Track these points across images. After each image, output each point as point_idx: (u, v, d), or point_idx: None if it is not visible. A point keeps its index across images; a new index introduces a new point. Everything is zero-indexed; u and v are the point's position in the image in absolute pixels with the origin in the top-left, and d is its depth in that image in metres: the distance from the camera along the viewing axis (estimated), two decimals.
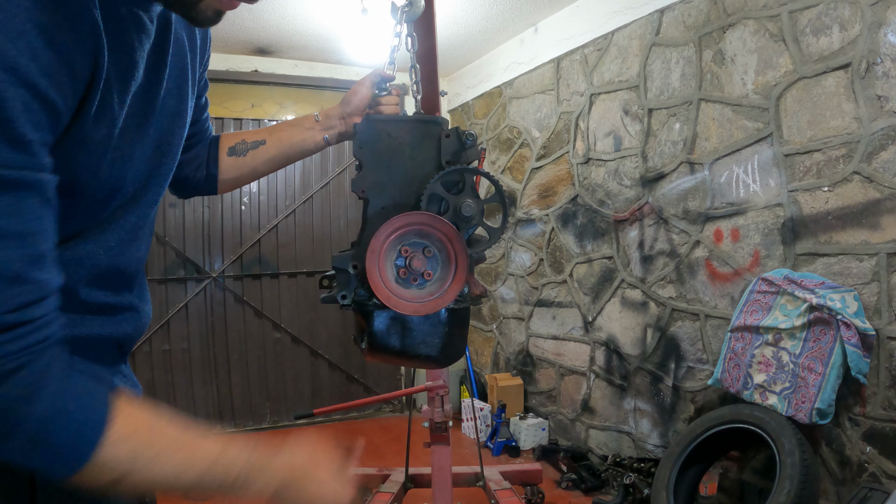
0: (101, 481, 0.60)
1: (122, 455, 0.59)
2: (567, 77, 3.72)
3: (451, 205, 0.98)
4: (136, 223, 0.80)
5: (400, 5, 1.14)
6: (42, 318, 0.56)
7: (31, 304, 0.55)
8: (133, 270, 0.82)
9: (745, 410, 2.33)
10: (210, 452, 0.66)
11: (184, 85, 0.83)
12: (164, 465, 0.62)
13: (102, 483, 0.60)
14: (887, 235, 2.10)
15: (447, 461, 2.51)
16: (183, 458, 0.64)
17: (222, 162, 1.16)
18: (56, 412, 0.55)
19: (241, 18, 3.73)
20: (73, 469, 0.57)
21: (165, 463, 0.62)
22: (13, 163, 0.52)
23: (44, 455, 0.56)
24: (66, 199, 0.63)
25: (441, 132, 1.01)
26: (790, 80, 2.40)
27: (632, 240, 3.24)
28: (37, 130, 0.54)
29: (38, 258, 0.56)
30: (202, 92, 1.04)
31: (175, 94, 0.81)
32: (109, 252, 0.75)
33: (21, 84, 0.52)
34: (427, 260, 0.96)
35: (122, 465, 0.59)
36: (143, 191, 0.79)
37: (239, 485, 0.68)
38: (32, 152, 0.54)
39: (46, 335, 0.56)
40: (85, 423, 0.57)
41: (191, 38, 0.84)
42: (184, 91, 0.83)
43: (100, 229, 0.74)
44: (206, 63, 0.97)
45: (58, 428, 0.56)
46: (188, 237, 4.39)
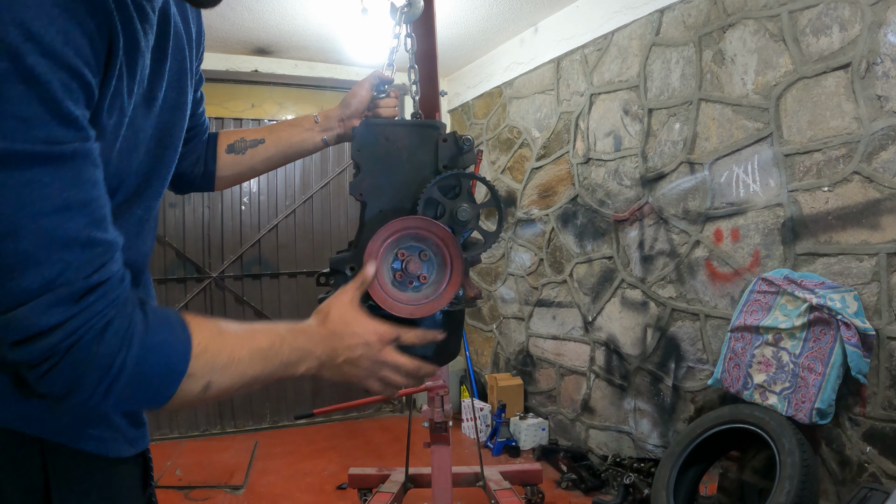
0: (191, 396, 0.67)
1: (204, 366, 0.67)
2: (567, 77, 3.72)
3: (447, 209, 0.99)
4: (142, 216, 0.81)
5: (399, 6, 1.14)
6: (117, 274, 0.62)
7: (105, 263, 0.60)
8: (140, 265, 0.83)
9: (745, 410, 2.33)
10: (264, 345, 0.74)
11: (183, 77, 0.84)
12: (237, 367, 0.70)
13: (193, 398, 0.67)
14: (887, 235, 2.10)
15: (447, 461, 2.51)
16: (247, 356, 0.72)
17: (220, 159, 1.17)
18: (147, 351, 0.62)
19: (241, 18, 3.73)
20: (170, 392, 0.65)
21: (237, 364, 0.70)
22: (67, 138, 0.57)
23: (144, 390, 0.63)
24: None
25: (438, 136, 1.01)
26: (790, 80, 2.40)
27: (632, 240, 3.24)
28: (78, 107, 0.58)
29: (102, 220, 0.61)
30: (197, 86, 1.05)
31: (175, 86, 0.82)
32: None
33: (60, 67, 0.55)
34: (423, 263, 0.97)
35: (206, 375, 0.67)
36: (147, 184, 0.80)
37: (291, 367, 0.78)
38: (80, 126, 0.58)
39: (125, 287, 0.62)
40: (174, 350, 0.64)
41: (187, 31, 0.85)
42: (183, 83, 0.84)
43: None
44: (200, 57, 0.99)
45: (152, 363, 0.62)
46: (188, 237, 4.39)
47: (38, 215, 0.55)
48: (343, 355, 0.84)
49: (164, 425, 4.26)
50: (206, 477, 3.49)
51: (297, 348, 0.79)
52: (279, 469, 3.66)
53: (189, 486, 3.35)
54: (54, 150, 0.56)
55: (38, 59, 0.54)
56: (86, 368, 0.58)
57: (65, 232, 0.57)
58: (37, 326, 0.56)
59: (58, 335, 0.56)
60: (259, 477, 3.52)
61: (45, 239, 0.56)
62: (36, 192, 0.55)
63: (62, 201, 0.56)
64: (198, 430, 4.37)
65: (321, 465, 3.72)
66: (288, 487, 3.36)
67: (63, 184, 0.57)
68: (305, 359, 0.80)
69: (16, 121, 0.54)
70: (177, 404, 0.66)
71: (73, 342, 0.57)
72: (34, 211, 0.55)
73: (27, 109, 0.54)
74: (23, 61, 0.53)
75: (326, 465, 3.71)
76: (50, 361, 0.57)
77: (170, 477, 3.49)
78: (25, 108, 0.54)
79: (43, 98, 0.54)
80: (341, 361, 0.84)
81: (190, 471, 3.59)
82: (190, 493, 3.27)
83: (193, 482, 3.40)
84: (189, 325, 0.67)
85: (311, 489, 3.33)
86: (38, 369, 0.57)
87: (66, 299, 0.57)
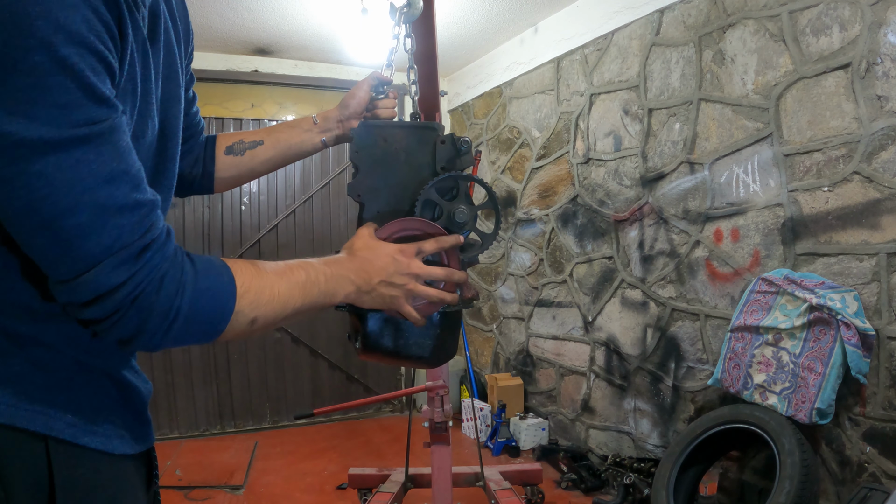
0: (240, 329, 0.74)
1: (250, 302, 0.74)
2: (567, 77, 3.72)
3: (445, 210, 0.99)
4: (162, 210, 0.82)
5: (399, 6, 1.14)
6: (164, 230, 0.68)
7: (152, 222, 0.66)
8: None
9: (745, 410, 2.33)
10: (300, 277, 0.81)
11: (176, 71, 0.86)
12: (279, 300, 0.77)
13: (241, 332, 0.75)
14: (887, 235, 2.10)
15: (447, 461, 2.51)
16: (286, 289, 0.78)
17: (219, 160, 1.17)
18: (199, 293, 0.69)
19: (241, 18, 3.73)
20: (221, 328, 0.72)
21: (279, 297, 0.77)
22: (103, 116, 0.62)
23: (199, 326, 0.71)
24: None
25: (436, 138, 1.01)
26: (790, 80, 2.40)
27: (632, 240, 3.24)
28: (106, 87, 0.63)
29: (141, 182, 0.66)
30: (189, 85, 1.06)
31: (171, 79, 0.84)
32: None
33: (88, 53, 0.60)
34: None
35: (252, 310, 0.74)
36: (155, 181, 0.82)
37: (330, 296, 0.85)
38: (111, 103, 0.63)
39: (171, 240, 0.69)
40: (222, 291, 0.71)
41: (175, 27, 0.87)
42: (176, 77, 0.87)
43: None
44: (190, 56, 1.00)
45: (204, 304, 0.70)
46: (188, 237, 4.39)
47: (89, 190, 0.61)
48: (377, 276, 0.89)
49: (164, 425, 4.26)
50: (206, 477, 3.49)
51: (332, 275, 0.85)
52: (279, 469, 3.66)
53: (189, 486, 3.35)
54: (94, 130, 0.61)
55: (69, 49, 0.58)
56: (149, 315, 0.66)
57: (114, 200, 0.63)
58: (106, 286, 0.63)
59: (124, 291, 0.64)
60: (259, 477, 3.52)
61: (100, 210, 0.62)
62: (84, 169, 0.61)
63: (108, 174, 0.62)
64: (198, 430, 4.37)
65: (321, 465, 3.72)
66: (288, 487, 3.36)
67: (106, 157, 0.62)
68: (343, 284, 0.86)
69: (58, 109, 0.58)
70: (229, 337, 0.74)
71: (136, 295, 0.64)
72: (85, 186, 0.61)
73: (66, 97, 0.59)
74: (56, 52, 0.57)
75: (326, 465, 3.71)
76: (118, 314, 0.65)
77: (170, 477, 3.49)
78: (64, 95, 0.58)
79: (78, 84, 0.59)
80: (377, 283, 0.89)
81: (190, 471, 3.59)
82: (190, 493, 3.27)
83: (193, 482, 3.40)
84: (232, 268, 0.74)
85: (311, 489, 3.33)
86: (109, 321, 0.65)
87: (127, 259, 0.64)
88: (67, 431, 0.72)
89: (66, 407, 0.73)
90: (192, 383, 4.36)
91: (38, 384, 0.71)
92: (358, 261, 0.90)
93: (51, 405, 0.72)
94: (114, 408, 0.79)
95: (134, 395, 0.82)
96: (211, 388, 4.42)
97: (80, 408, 0.74)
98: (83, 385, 0.75)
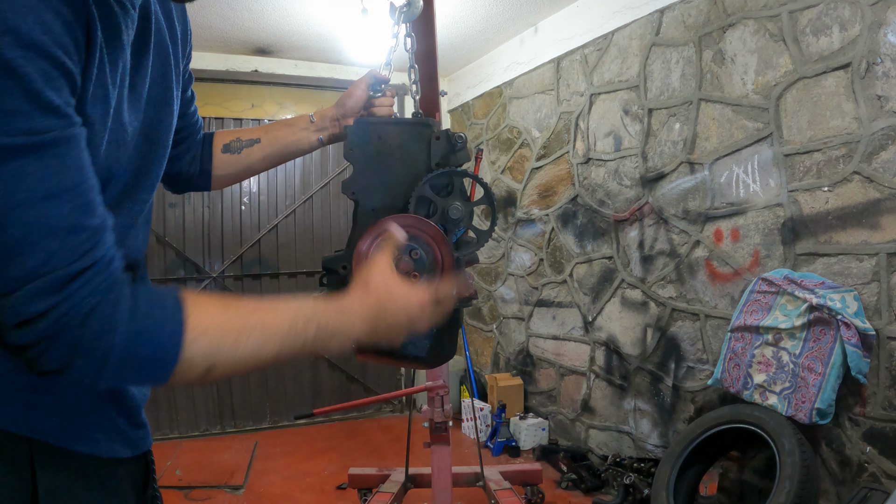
0: (192, 378, 0.66)
1: (203, 349, 0.65)
2: (567, 77, 3.72)
3: (439, 207, 0.98)
4: (135, 212, 0.81)
5: (398, 6, 1.14)
6: (103, 258, 0.61)
7: (90, 249, 0.60)
8: (133, 258, 0.83)
9: (745, 410, 2.33)
10: (282, 325, 0.71)
11: (168, 74, 0.84)
12: (244, 349, 0.68)
13: (197, 379, 0.66)
14: (887, 235, 2.10)
15: (447, 461, 2.51)
16: (259, 337, 0.69)
17: (216, 158, 1.17)
18: (135, 333, 0.61)
19: (241, 18, 3.73)
20: (165, 375, 0.64)
21: (245, 346, 0.68)
22: (49, 127, 0.57)
23: (136, 371, 0.64)
24: None
25: (431, 134, 1.01)
26: (790, 80, 2.40)
27: (632, 240, 3.24)
28: (60, 95, 0.59)
29: (87, 205, 0.61)
30: (187, 85, 1.05)
31: (160, 83, 0.82)
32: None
33: (39, 56, 0.56)
34: (414, 262, 0.96)
35: (207, 357, 0.65)
36: (136, 181, 0.80)
37: (319, 346, 0.75)
38: (62, 114, 0.59)
39: (111, 271, 0.62)
40: (163, 334, 0.63)
41: (171, 29, 0.85)
42: (168, 80, 0.84)
43: None
44: (188, 56, 0.99)
45: (141, 346, 0.62)
46: (188, 237, 4.39)
47: (22, 205, 0.56)
48: (383, 330, 0.80)
49: (164, 425, 4.26)
50: (206, 477, 3.49)
51: (328, 328, 0.74)
52: (279, 469, 3.66)
53: (189, 486, 3.35)
54: (35, 140, 0.56)
55: (15, 52, 0.54)
56: (73, 353, 0.59)
57: (48, 220, 0.58)
58: (25, 314, 0.57)
59: (44, 323, 0.58)
60: (259, 477, 3.52)
61: (30, 228, 0.57)
62: (20, 182, 0.56)
63: (45, 190, 0.57)
64: (198, 430, 4.37)
65: (321, 465, 3.72)
66: (288, 487, 3.36)
67: (46, 172, 0.57)
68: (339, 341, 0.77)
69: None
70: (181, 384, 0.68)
71: (58, 329, 0.58)
72: (18, 201, 0.56)
73: (7, 102, 0.55)
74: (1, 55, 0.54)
75: (326, 465, 3.71)
76: (41, 346, 0.59)
77: (170, 477, 3.49)
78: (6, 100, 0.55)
79: (23, 90, 0.55)
80: (382, 334, 0.81)
81: (190, 471, 3.59)
82: (190, 493, 3.27)
83: (193, 482, 3.40)
84: (187, 308, 0.65)
85: (311, 489, 3.33)
86: (34, 350, 0.59)
87: (50, 288, 0.58)
88: (51, 434, 0.71)
89: (50, 409, 0.72)
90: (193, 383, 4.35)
91: (21, 385, 0.70)
92: (370, 309, 0.79)
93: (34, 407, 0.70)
94: (104, 411, 0.77)
95: (126, 399, 0.81)
96: (211, 388, 4.41)
97: (65, 410, 0.73)
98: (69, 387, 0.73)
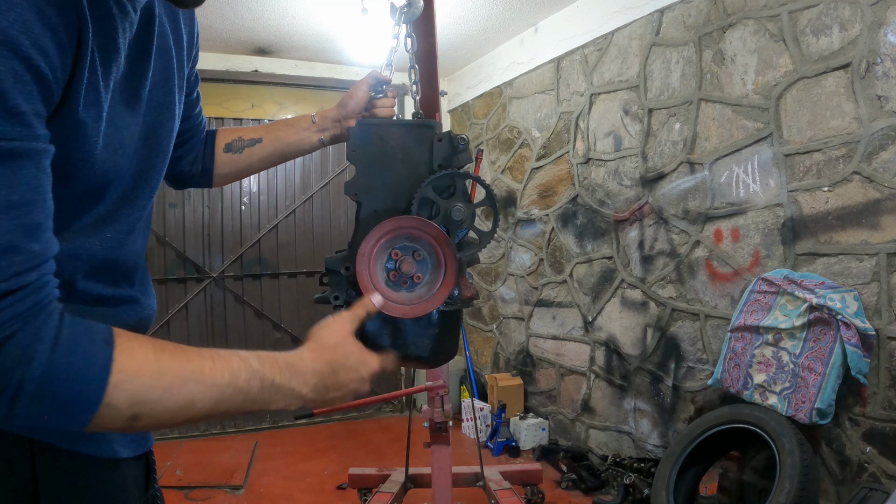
0: (115, 425, 0.60)
1: (129, 395, 0.59)
2: (567, 77, 3.72)
3: (442, 208, 0.99)
4: (135, 217, 0.80)
5: (399, 6, 1.14)
6: (34, 283, 0.56)
7: (21, 272, 0.55)
8: (132, 263, 0.82)
9: (745, 410, 2.33)
10: (222, 378, 0.65)
11: (170, 77, 0.83)
12: (176, 399, 0.62)
13: (118, 427, 0.60)
14: (887, 235, 2.10)
15: (447, 461, 2.51)
16: (194, 387, 0.63)
17: (218, 157, 1.17)
18: (55, 369, 0.55)
19: (241, 18, 3.73)
20: (85, 419, 0.58)
21: (177, 396, 0.62)
22: (8, 134, 0.53)
23: (52, 411, 0.56)
24: (60, 186, 0.62)
25: (433, 136, 1.01)
26: (790, 80, 2.40)
27: (632, 240, 3.24)
28: (29, 102, 0.54)
29: (33, 228, 0.56)
30: (193, 87, 1.04)
31: (162, 86, 0.81)
32: (106, 244, 0.75)
33: (13, 56, 0.52)
34: (417, 263, 0.97)
35: (132, 405, 0.59)
36: (136, 186, 0.79)
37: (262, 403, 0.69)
38: (26, 123, 0.54)
39: (38, 299, 0.56)
40: (86, 373, 0.57)
41: (176, 32, 0.85)
42: (170, 83, 0.83)
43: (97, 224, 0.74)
44: (194, 58, 0.98)
45: (60, 383, 0.55)
46: (188, 237, 4.39)
47: None
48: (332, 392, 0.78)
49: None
50: (206, 477, 3.49)
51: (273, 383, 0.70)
52: (279, 469, 3.66)
53: (189, 486, 3.35)
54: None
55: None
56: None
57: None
58: None
59: None
60: (259, 477, 3.52)
61: None
62: None
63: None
64: (198, 430, 4.37)
65: (321, 465, 3.72)
66: (288, 487, 3.36)
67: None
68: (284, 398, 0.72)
69: None
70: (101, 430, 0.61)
71: None
72: None
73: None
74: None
75: (326, 465, 3.71)
76: None
77: (170, 477, 3.49)
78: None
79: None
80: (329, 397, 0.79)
81: (190, 471, 3.59)
82: (190, 493, 3.27)
83: (193, 482, 3.40)
84: (117, 348, 0.59)
85: (311, 489, 3.33)
86: None
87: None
88: (53, 435, 0.71)
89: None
90: None
91: None
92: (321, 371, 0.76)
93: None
94: None
95: None
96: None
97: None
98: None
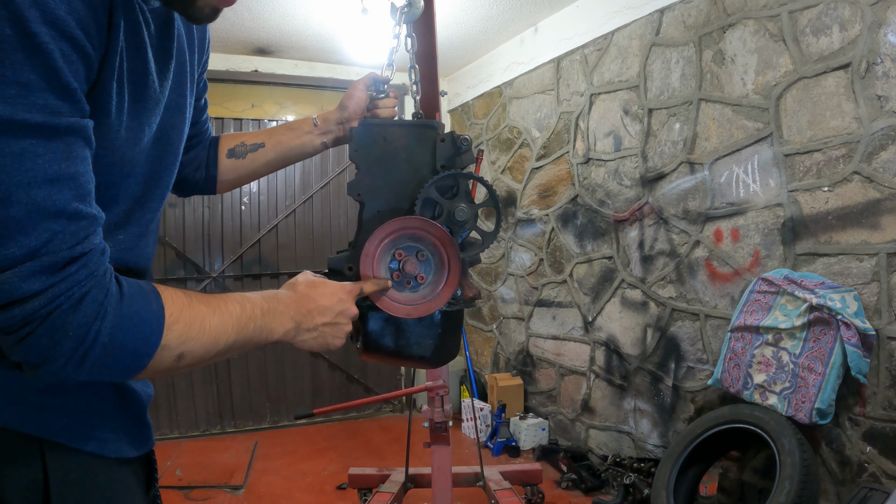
0: (165, 366, 0.67)
1: (177, 335, 0.67)
2: (567, 77, 3.72)
3: (445, 209, 0.99)
4: (147, 218, 0.82)
5: (399, 6, 1.14)
6: (98, 246, 0.62)
7: (89, 235, 0.61)
8: (142, 267, 0.84)
9: (745, 410, 2.33)
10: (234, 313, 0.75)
11: (183, 80, 0.85)
12: (210, 334, 0.71)
13: (166, 368, 0.68)
14: (887, 235, 2.10)
15: (447, 461, 2.51)
16: (219, 320, 0.72)
17: (221, 163, 1.18)
18: (122, 319, 0.62)
19: (241, 18, 3.73)
20: (143, 363, 0.65)
21: (210, 331, 0.71)
22: (63, 110, 0.58)
23: (120, 359, 0.63)
24: None
25: (436, 137, 1.01)
26: (790, 80, 2.40)
27: (632, 240, 3.24)
28: (76, 79, 0.59)
29: (87, 195, 0.62)
30: (201, 93, 1.05)
31: (176, 89, 0.83)
32: (118, 247, 0.77)
33: (62, 36, 0.56)
34: (420, 263, 0.97)
35: (180, 345, 0.68)
36: (148, 187, 0.81)
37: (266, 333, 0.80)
38: (77, 99, 0.59)
39: (104, 260, 0.63)
40: (148, 319, 0.65)
41: (189, 36, 0.86)
42: (183, 87, 0.85)
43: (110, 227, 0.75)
44: (204, 64, 0.99)
45: (127, 330, 0.63)
46: (188, 237, 4.39)
47: (28, 184, 0.56)
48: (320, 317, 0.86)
49: (164, 425, 4.26)
50: (206, 477, 3.49)
51: (270, 311, 0.80)
52: (279, 469, 3.66)
53: (189, 486, 3.35)
54: (50, 122, 0.57)
55: (41, 27, 0.54)
56: (62, 336, 0.59)
57: (53, 203, 0.58)
58: (19, 292, 0.57)
59: (37, 302, 0.57)
60: (259, 477, 3.52)
61: (34, 208, 0.57)
62: (29, 161, 0.56)
63: (53, 173, 0.57)
64: (198, 430, 4.37)
65: (321, 465, 3.72)
66: (288, 487, 3.36)
67: (55, 156, 0.57)
68: (281, 321, 0.81)
69: (17, 87, 0.54)
70: (149, 374, 0.67)
71: (51, 310, 0.58)
72: (25, 180, 0.56)
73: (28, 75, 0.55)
74: (27, 28, 0.54)
75: (326, 465, 3.71)
76: (28, 328, 0.58)
77: (170, 477, 3.49)
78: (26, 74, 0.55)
79: (44, 66, 0.55)
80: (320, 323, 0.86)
81: (190, 471, 3.59)
82: (190, 493, 3.27)
83: (193, 482, 3.40)
84: (162, 295, 0.67)
85: (311, 489, 3.33)
86: (16, 335, 0.58)
87: (49, 268, 0.58)
88: (62, 435, 0.72)
89: (61, 410, 0.72)
90: (192, 383, 4.36)
91: (33, 386, 0.70)
92: (300, 298, 0.85)
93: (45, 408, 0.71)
94: (112, 412, 0.78)
95: (133, 399, 0.82)
96: (211, 388, 4.42)
97: (76, 411, 0.74)
98: (80, 389, 0.74)
